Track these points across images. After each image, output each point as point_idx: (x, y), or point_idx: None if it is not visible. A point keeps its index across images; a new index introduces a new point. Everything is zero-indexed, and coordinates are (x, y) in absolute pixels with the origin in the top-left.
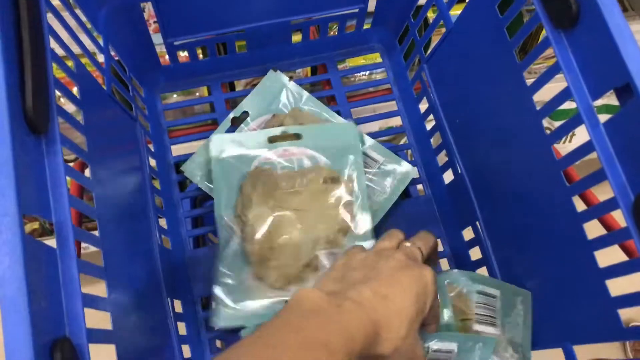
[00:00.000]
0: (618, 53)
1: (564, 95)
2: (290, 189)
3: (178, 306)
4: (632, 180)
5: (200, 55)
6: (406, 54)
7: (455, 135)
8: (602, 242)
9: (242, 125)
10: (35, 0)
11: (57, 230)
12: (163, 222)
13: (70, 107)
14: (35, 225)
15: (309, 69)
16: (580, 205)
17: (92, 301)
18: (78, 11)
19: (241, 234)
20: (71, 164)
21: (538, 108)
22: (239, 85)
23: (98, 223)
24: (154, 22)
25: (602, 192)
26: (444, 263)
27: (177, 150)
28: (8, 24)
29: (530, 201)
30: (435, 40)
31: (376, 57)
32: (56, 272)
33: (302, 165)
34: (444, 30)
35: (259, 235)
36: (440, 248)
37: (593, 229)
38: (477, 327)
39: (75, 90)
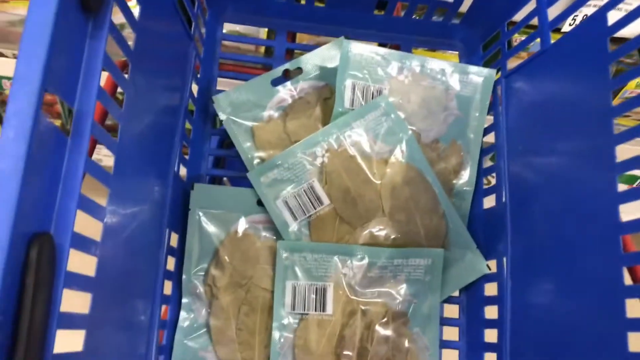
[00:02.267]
0: None
1: None
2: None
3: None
4: None
5: None
6: (485, 63)
7: (511, 162)
8: None
9: (290, 82)
10: None
11: (75, 119)
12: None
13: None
14: None
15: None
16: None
17: (88, 206)
18: None
19: (209, 307)
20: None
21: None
22: (303, 39)
23: (120, 127)
24: None
25: None
26: None
27: (222, 84)
28: None
29: (576, 264)
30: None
31: (453, 58)
32: (60, 162)
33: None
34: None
35: (227, 313)
36: None
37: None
38: None
39: None
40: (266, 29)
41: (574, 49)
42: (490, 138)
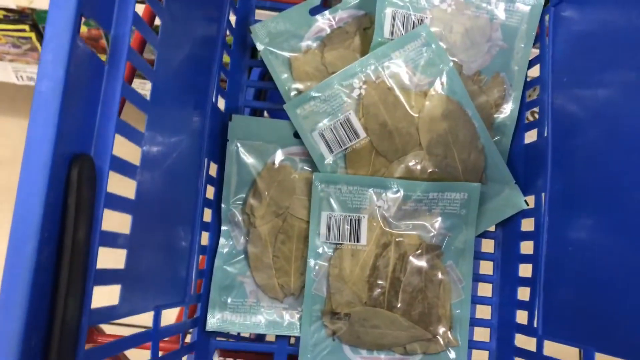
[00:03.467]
0: None
1: None
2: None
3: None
4: None
5: None
6: None
7: (556, 95)
8: None
9: (328, 11)
10: None
11: (112, 44)
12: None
13: None
14: None
15: None
16: None
17: (126, 130)
18: None
19: (247, 235)
20: None
21: None
22: None
23: (156, 55)
24: None
25: None
26: None
27: (260, 15)
28: None
29: (619, 201)
30: None
31: None
32: (98, 88)
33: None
34: None
35: (264, 241)
36: None
37: None
38: None
39: None
40: None
41: None
42: (534, 71)
